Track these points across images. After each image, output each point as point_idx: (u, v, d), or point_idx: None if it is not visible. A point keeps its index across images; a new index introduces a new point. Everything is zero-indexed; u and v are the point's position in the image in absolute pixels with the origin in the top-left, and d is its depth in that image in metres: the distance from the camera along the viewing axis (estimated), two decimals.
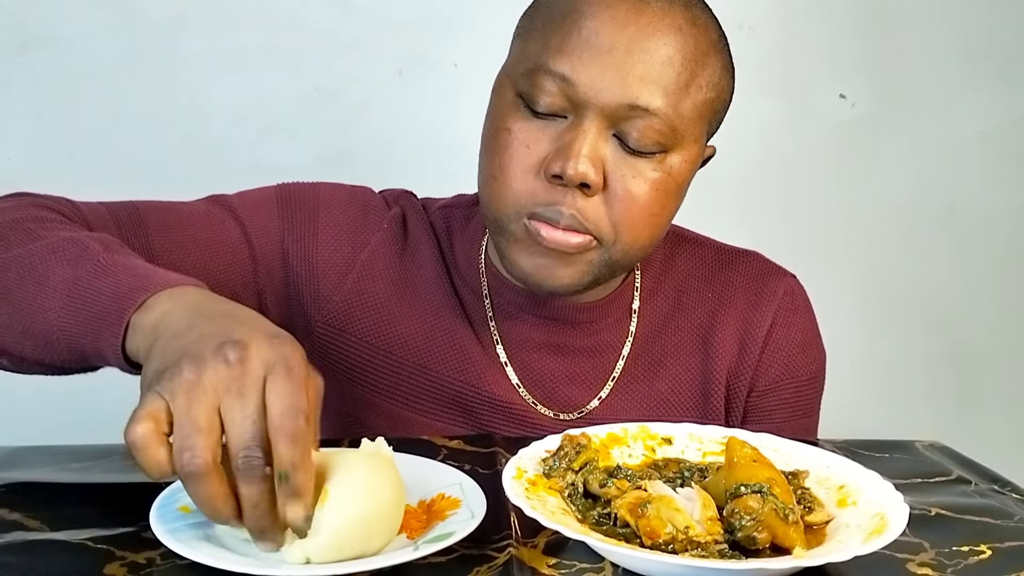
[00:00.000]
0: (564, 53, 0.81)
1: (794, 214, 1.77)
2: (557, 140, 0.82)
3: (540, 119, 0.83)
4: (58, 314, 0.69)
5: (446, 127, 1.64)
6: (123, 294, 0.66)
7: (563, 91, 0.81)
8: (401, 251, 0.99)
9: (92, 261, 0.69)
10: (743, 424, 0.98)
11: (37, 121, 1.58)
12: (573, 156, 0.80)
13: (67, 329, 0.69)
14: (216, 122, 1.60)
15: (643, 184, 0.83)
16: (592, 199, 0.82)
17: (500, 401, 0.95)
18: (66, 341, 0.69)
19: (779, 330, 0.99)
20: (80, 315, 0.68)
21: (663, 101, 0.81)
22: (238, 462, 0.56)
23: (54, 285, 0.69)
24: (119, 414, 0.61)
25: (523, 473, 0.71)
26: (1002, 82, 1.79)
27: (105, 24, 1.56)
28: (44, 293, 0.70)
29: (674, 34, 0.81)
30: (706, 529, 0.64)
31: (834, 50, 1.74)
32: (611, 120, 0.81)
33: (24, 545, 0.64)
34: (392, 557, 0.61)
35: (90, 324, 0.67)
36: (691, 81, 0.82)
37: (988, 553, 0.69)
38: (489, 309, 0.97)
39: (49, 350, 0.71)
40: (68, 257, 0.70)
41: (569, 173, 0.80)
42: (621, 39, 0.80)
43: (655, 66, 0.80)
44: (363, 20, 1.61)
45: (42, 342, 0.71)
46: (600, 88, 0.80)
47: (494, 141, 0.85)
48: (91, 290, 0.68)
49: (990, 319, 1.86)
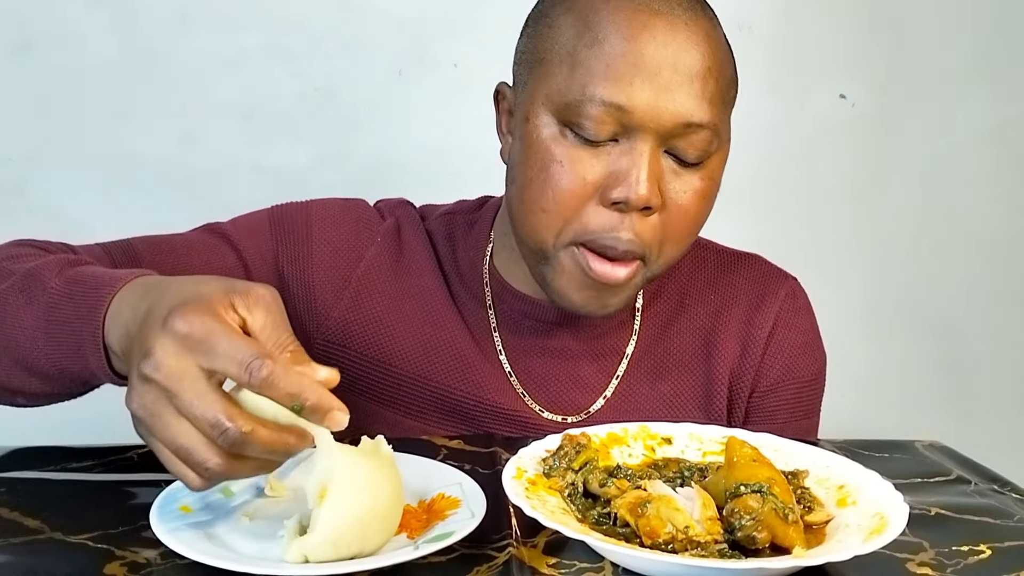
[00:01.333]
0: (613, 81, 0.80)
1: (794, 214, 1.77)
2: (612, 165, 0.82)
3: (592, 147, 0.82)
4: (44, 352, 0.72)
5: (446, 127, 1.64)
6: (85, 316, 0.68)
7: (617, 118, 0.80)
8: (396, 263, 0.98)
9: (47, 294, 0.71)
10: (745, 425, 0.99)
11: (37, 121, 1.58)
12: (637, 182, 0.80)
13: (58, 363, 0.71)
14: (216, 122, 1.60)
15: (693, 196, 0.84)
16: (649, 219, 0.83)
17: (504, 409, 0.95)
18: (63, 374, 0.72)
19: (781, 331, 1.00)
20: (62, 348, 0.70)
21: (711, 113, 0.82)
22: (219, 442, 0.58)
23: (28, 326, 0.72)
24: (119, 414, 0.62)
25: (523, 473, 0.71)
26: (1002, 82, 1.79)
27: (105, 24, 1.56)
28: (24, 335, 0.72)
29: (706, 43, 0.82)
30: (706, 529, 0.64)
31: (834, 50, 1.74)
32: (664, 139, 0.81)
33: (24, 545, 0.64)
34: (392, 556, 0.61)
35: (75, 353, 0.69)
36: (728, 87, 0.85)
37: (988, 553, 0.69)
38: (493, 319, 0.97)
39: (55, 384, 0.75)
40: (30, 295, 0.73)
41: (633, 200, 0.80)
42: (666, 56, 0.80)
43: (700, 80, 0.81)
44: (363, 20, 1.61)
45: (45, 378, 0.74)
46: (655, 112, 0.80)
47: (545, 174, 0.83)
48: (57, 322, 0.70)
49: (990, 319, 1.85)
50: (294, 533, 0.63)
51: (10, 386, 0.77)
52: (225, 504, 0.69)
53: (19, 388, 0.77)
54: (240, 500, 0.71)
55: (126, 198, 1.59)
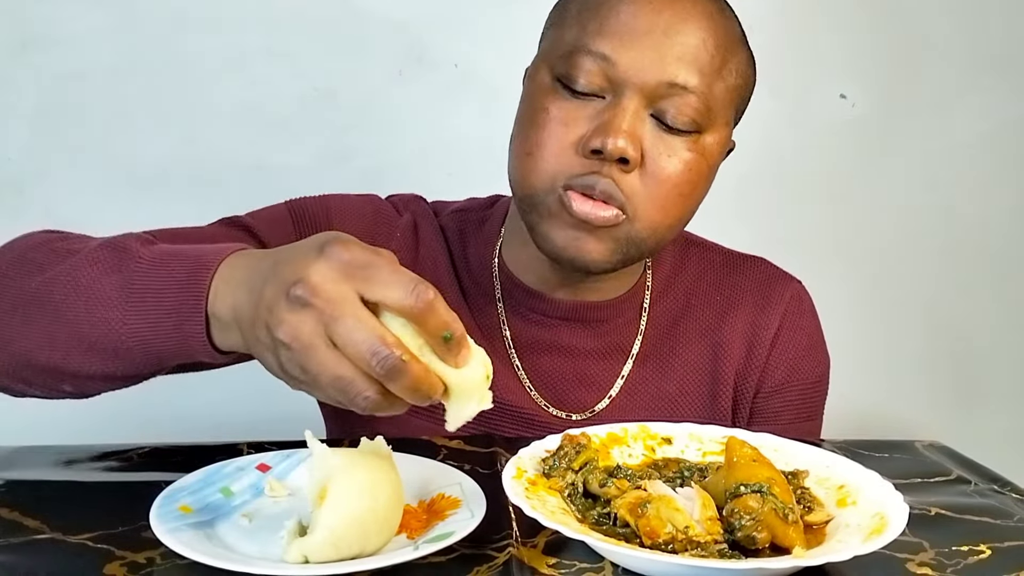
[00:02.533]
0: (603, 35, 0.83)
1: (794, 214, 1.76)
2: (596, 118, 0.84)
3: (578, 99, 0.85)
4: (124, 322, 0.67)
5: (446, 127, 1.64)
6: (185, 282, 0.65)
7: (603, 71, 0.83)
8: (414, 258, 0.99)
9: (135, 261, 0.68)
10: (750, 426, 0.99)
11: (37, 121, 1.58)
12: (613, 132, 0.82)
13: (139, 335, 0.67)
14: (216, 122, 1.60)
15: (677, 162, 0.85)
16: (628, 175, 0.84)
17: (511, 405, 0.95)
18: (140, 347, 0.68)
19: (786, 333, 1.01)
20: (149, 317, 0.66)
21: (699, 80, 0.83)
22: (376, 369, 0.57)
23: (107, 295, 0.68)
24: (118, 414, 0.62)
25: (523, 473, 0.71)
26: (1002, 83, 1.78)
27: (105, 24, 1.56)
28: (100, 305, 0.68)
29: (707, 20, 0.84)
30: (706, 529, 0.64)
31: (834, 50, 1.74)
32: (649, 99, 0.83)
33: (24, 545, 0.64)
34: (392, 557, 0.61)
35: (165, 321, 0.66)
36: (723, 65, 0.86)
37: (988, 553, 0.69)
38: (502, 313, 0.97)
39: (121, 361, 0.70)
40: (110, 265, 0.69)
41: (609, 148, 0.82)
42: (658, 22, 0.83)
43: (691, 48, 0.83)
44: (363, 20, 1.61)
45: (111, 355, 0.69)
46: (640, 67, 0.82)
47: (530, 120, 0.86)
48: (149, 290, 0.67)
49: (990, 319, 1.85)
50: (294, 533, 0.63)
51: (66, 368, 0.71)
52: (225, 504, 0.69)
53: (76, 370, 0.71)
54: (240, 500, 0.71)
55: (126, 198, 1.58)
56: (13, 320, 0.72)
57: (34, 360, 0.72)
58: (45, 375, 0.73)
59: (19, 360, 0.73)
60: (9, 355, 0.73)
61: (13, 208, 1.57)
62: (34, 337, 0.71)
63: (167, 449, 0.83)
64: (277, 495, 0.72)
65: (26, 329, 0.71)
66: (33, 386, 0.75)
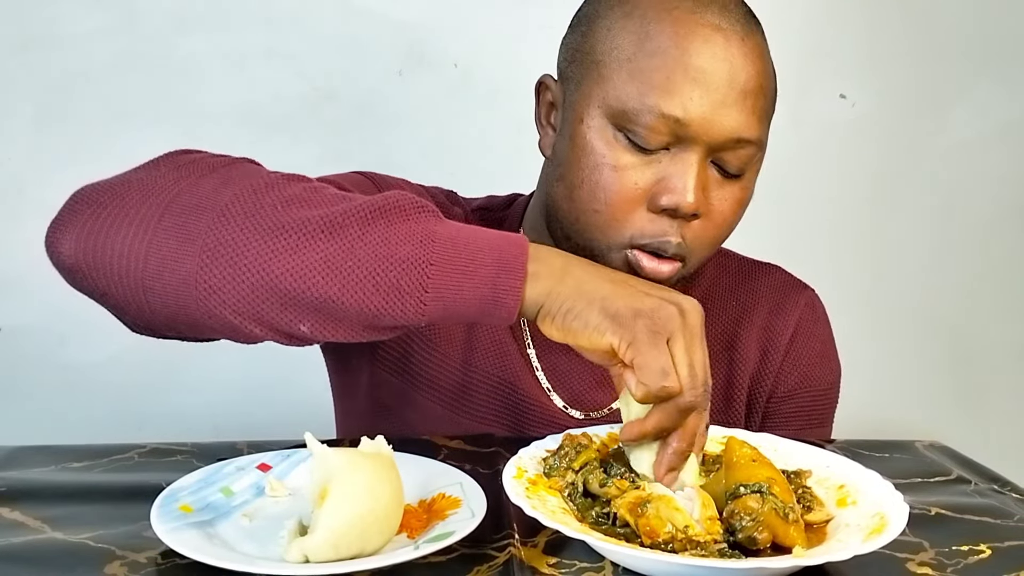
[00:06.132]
0: (672, 93, 0.81)
1: (793, 214, 1.76)
2: (662, 172, 0.83)
3: (644, 153, 0.83)
4: (429, 263, 0.69)
5: (446, 127, 1.64)
6: (502, 243, 0.71)
7: (672, 129, 0.82)
8: None
9: (435, 219, 0.72)
10: (762, 429, 0.99)
11: (37, 121, 1.58)
12: (687, 190, 0.82)
13: (444, 276, 0.69)
14: (216, 122, 1.60)
15: (733, 204, 0.86)
16: (693, 224, 0.85)
17: (529, 404, 0.96)
18: (436, 293, 0.69)
19: (800, 340, 1.02)
20: (462, 264, 0.70)
21: (759, 129, 0.84)
22: (700, 390, 0.69)
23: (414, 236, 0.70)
24: (118, 414, 0.61)
25: (523, 473, 0.71)
26: (1002, 83, 1.78)
27: (105, 24, 1.56)
28: (406, 244, 0.69)
29: (760, 60, 0.84)
30: (706, 529, 0.64)
31: (834, 50, 1.74)
32: (712, 150, 0.83)
33: (24, 545, 0.64)
34: (392, 556, 0.61)
35: (479, 271, 0.70)
36: (772, 102, 0.88)
37: (988, 553, 0.69)
38: None
39: (400, 306, 0.69)
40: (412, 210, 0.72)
41: (683, 207, 0.82)
42: (723, 74, 0.82)
43: (752, 97, 0.83)
44: (363, 20, 1.61)
45: (395, 296, 0.69)
46: (710, 126, 0.82)
47: (597, 176, 0.84)
48: (460, 239, 0.70)
49: (990, 319, 1.85)
50: (294, 533, 0.63)
51: (336, 300, 0.68)
52: (225, 504, 0.69)
53: (346, 305, 0.68)
54: (240, 500, 0.71)
55: None
56: (276, 243, 0.68)
57: (289, 288, 0.68)
58: (294, 308, 0.69)
59: (263, 289, 0.68)
60: (251, 285, 0.68)
61: (13, 208, 1.57)
62: (309, 261, 0.68)
63: (167, 449, 0.83)
64: (277, 495, 0.72)
65: (296, 254, 0.68)
66: (255, 322, 0.69)
